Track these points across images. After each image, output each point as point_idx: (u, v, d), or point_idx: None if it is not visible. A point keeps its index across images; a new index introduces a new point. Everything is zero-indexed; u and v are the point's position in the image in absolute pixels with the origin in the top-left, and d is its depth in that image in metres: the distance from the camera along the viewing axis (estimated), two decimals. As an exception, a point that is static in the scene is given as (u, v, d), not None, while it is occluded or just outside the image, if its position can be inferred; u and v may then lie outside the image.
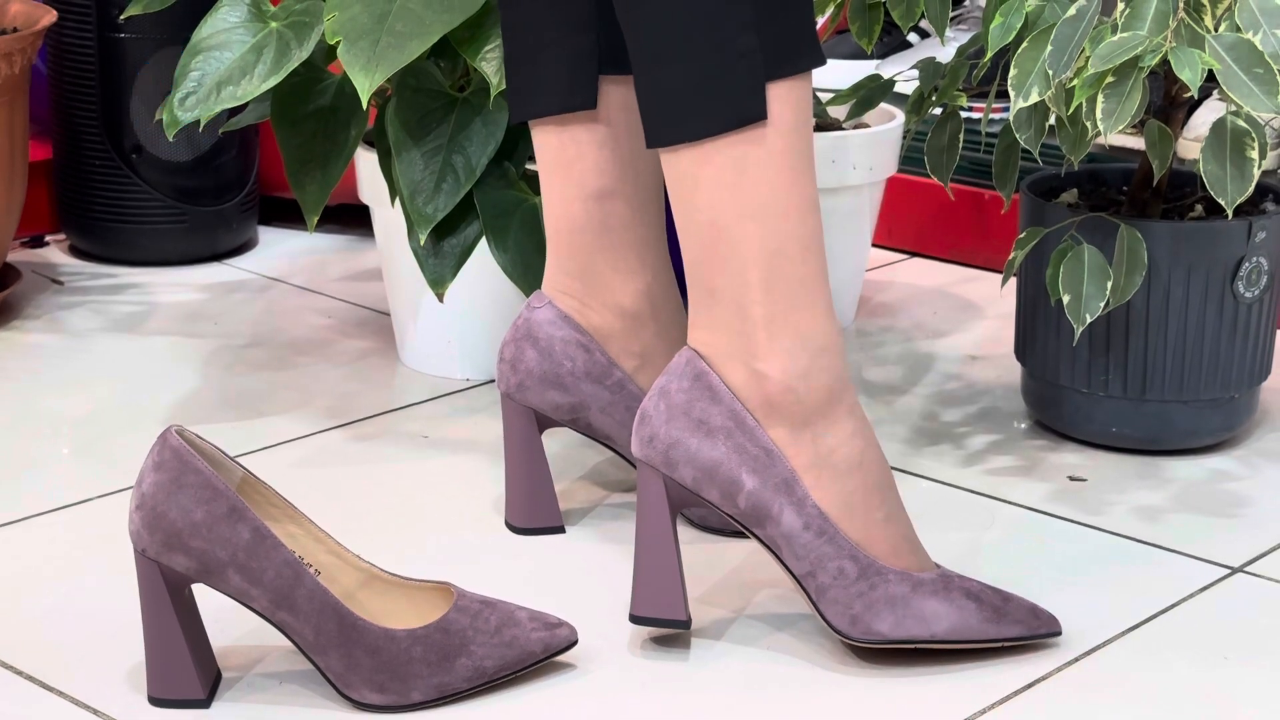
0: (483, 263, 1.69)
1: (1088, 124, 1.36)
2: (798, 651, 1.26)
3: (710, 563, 1.38)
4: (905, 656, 1.24)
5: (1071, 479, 1.56)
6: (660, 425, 1.22)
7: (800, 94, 1.20)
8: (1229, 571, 1.40)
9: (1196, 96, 1.45)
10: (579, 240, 1.40)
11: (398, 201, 1.71)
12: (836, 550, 1.21)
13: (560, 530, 1.45)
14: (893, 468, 1.56)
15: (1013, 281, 1.62)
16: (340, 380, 1.78)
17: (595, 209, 1.40)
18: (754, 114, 1.18)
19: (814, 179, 1.21)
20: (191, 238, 2.13)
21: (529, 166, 1.71)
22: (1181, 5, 1.35)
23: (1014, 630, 1.24)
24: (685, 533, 1.41)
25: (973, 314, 1.99)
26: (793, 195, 1.20)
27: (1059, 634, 1.26)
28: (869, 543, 1.22)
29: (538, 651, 1.21)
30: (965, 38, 2.27)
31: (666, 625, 1.24)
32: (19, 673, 1.23)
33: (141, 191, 2.10)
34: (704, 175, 1.19)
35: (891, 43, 2.36)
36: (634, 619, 1.25)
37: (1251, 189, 1.38)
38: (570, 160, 1.39)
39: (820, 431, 1.22)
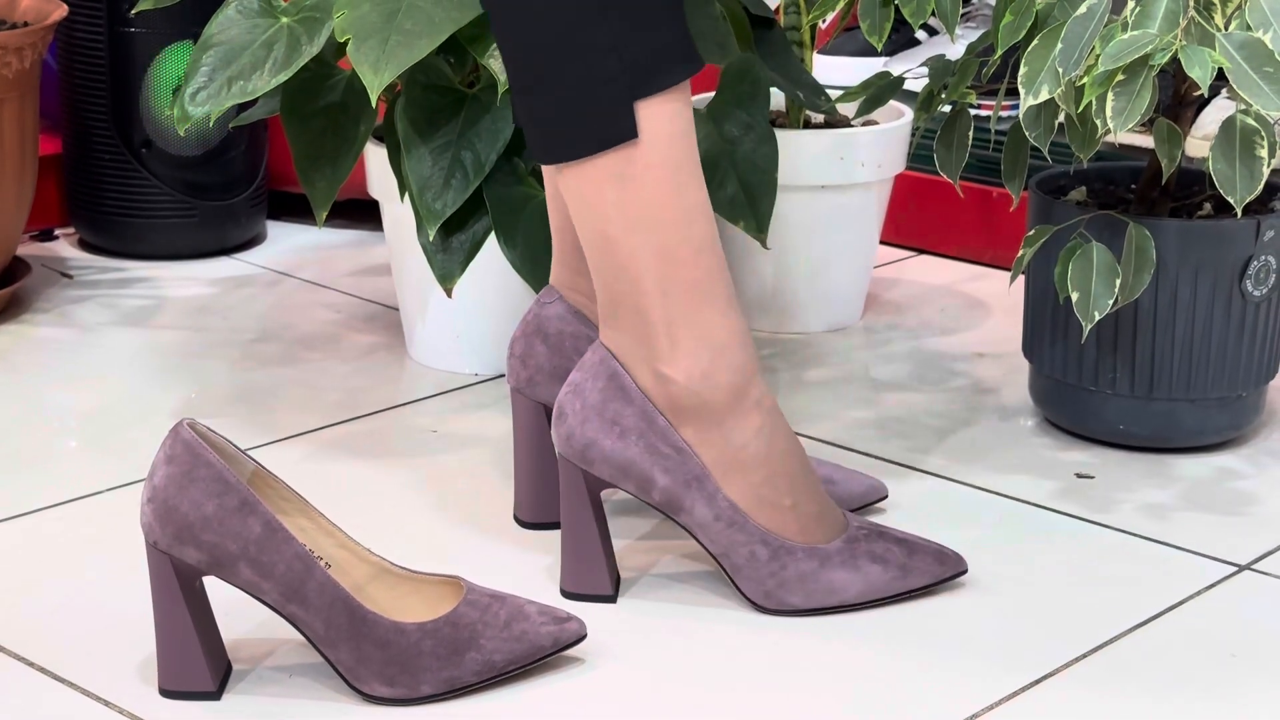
0: (491, 258, 1.69)
1: (1097, 122, 1.37)
2: (811, 654, 1.26)
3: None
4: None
5: (1079, 476, 1.56)
6: (576, 425, 1.29)
7: (674, 106, 1.24)
8: (1236, 569, 1.40)
9: (1207, 95, 1.45)
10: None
11: (407, 197, 1.71)
12: (748, 537, 1.29)
13: (568, 525, 1.45)
14: (900, 464, 1.57)
15: (1021, 279, 1.63)
16: (349, 375, 1.78)
17: None
18: (623, 134, 1.23)
19: (701, 184, 1.26)
20: (200, 232, 2.14)
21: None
22: (1192, 4, 1.35)
23: (921, 580, 1.33)
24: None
25: (980, 312, 1.99)
26: (677, 203, 1.25)
27: (965, 571, 1.34)
28: (779, 526, 1.30)
29: (547, 645, 1.21)
30: (975, 35, 2.27)
31: (594, 600, 1.32)
32: (30, 664, 1.24)
33: (151, 186, 2.10)
34: (587, 192, 1.25)
35: (900, 40, 2.36)
36: (564, 594, 1.33)
37: (1260, 188, 1.38)
38: None
39: (730, 428, 1.28)
